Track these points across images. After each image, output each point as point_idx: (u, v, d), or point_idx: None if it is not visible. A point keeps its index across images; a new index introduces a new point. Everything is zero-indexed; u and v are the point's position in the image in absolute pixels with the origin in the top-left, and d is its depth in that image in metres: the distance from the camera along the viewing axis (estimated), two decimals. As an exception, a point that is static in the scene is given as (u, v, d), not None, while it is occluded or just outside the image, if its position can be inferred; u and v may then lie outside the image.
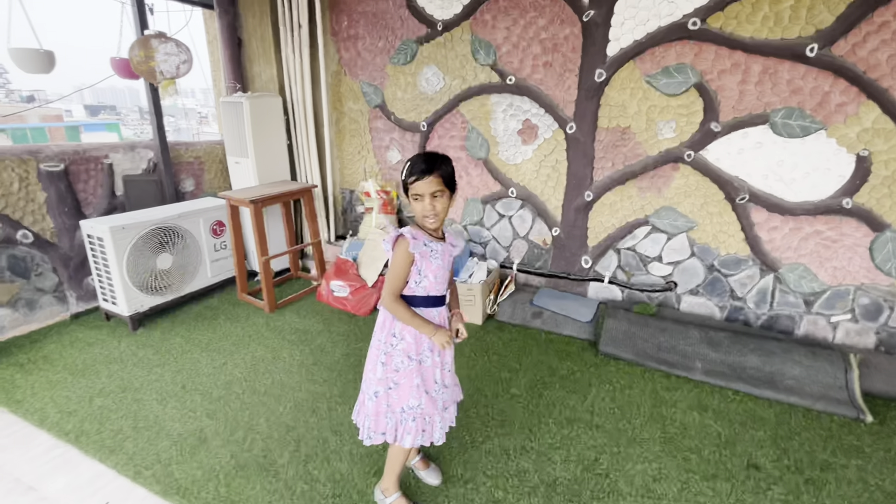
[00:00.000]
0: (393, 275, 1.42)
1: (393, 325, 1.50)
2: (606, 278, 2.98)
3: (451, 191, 1.38)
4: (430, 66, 3.10)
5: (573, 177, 2.91)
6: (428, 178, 1.31)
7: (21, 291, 2.66)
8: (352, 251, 3.37)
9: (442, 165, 1.33)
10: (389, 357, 1.51)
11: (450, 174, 1.35)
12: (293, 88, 3.39)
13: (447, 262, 1.45)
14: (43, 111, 30.53)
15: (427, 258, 1.41)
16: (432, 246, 1.42)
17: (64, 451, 1.83)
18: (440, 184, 1.32)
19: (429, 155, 1.35)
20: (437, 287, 1.44)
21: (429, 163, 1.32)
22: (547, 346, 2.66)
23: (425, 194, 1.32)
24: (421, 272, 1.42)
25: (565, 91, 2.77)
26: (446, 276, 1.46)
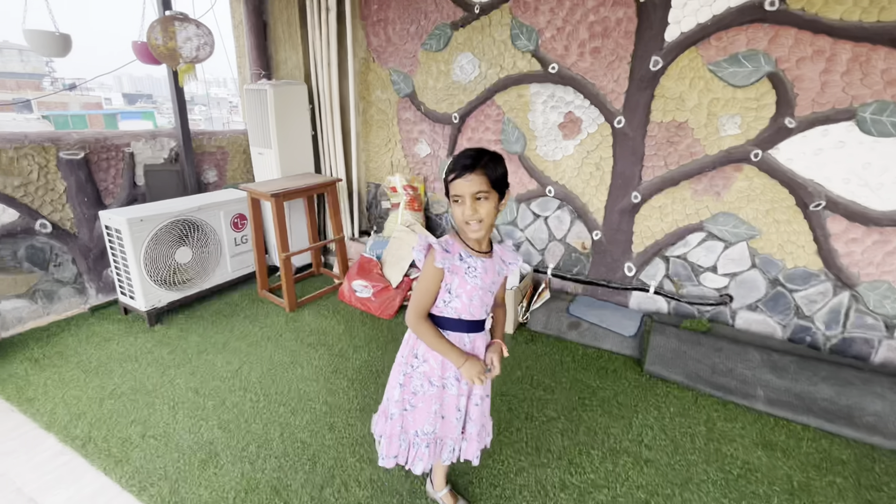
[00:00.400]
0: (419, 290, 1.24)
1: (417, 344, 1.32)
2: (652, 288, 2.71)
3: (501, 195, 1.16)
4: (464, 52, 2.87)
5: (619, 176, 2.65)
6: (470, 176, 1.10)
7: (40, 282, 2.59)
8: (376, 249, 3.20)
9: (490, 163, 1.12)
10: (408, 379, 1.33)
11: (499, 175, 1.14)
12: (319, 76, 3.23)
13: (491, 281, 1.24)
14: (84, 98, 31.60)
15: (460, 275, 1.20)
16: (470, 261, 1.21)
17: (69, 460, 1.73)
18: (485, 184, 1.11)
19: (476, 150, 1.14)
20: (472, 310, 1.24)
21: (474, 158, 1.11)
22: (585, 361, 2.43)
23: (466, 195, 1.11)
24: (451, 291, 1.22)
25: (614, 81, 2.51)
26: (488, 298, 1.25)
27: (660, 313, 2.72)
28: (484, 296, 1.24)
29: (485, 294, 1.24)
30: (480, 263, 1.22)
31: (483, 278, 1.22)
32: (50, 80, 37.30)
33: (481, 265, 1.22)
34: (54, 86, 35.56)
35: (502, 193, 1.17)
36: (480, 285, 1.22)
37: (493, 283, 1.25)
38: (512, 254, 1.30)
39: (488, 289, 1.24)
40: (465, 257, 1.22)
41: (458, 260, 1.22)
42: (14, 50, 36.37)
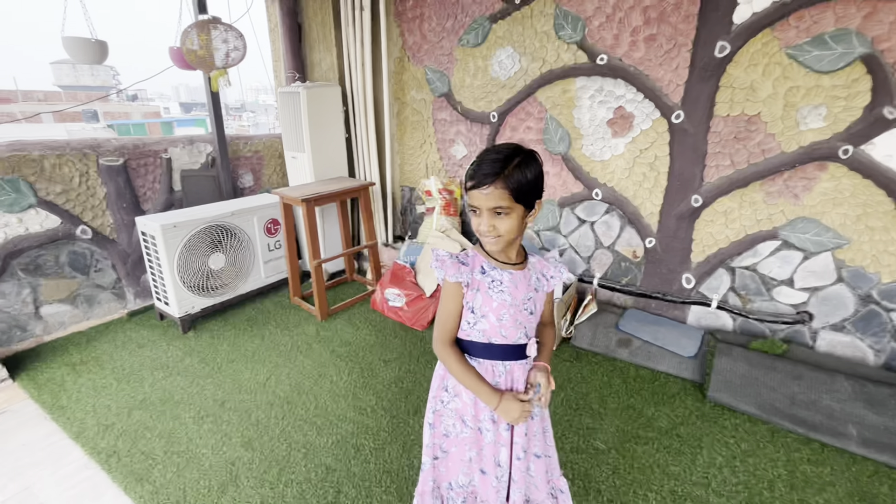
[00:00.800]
0: (440, 311, 1.08)
1: (446, 375, 1.14)
2: (714, 302, 2.42)
3: (527, 206, 0.98)
4: (504, 47, 2.69)
5: (677, 177, 2.37)
6: (488, 189, 0.93)
7: (81, 287, 2.63)
8: (410, 255, 3.07)
9: (515, 170, 0.93)
10: (438, 417, 1.16)
11: (526, 185, 0.95)
12: (353, 77, 3.13)
13: (525, 297, 1.06)
14: (144, 108, 33.80)
15: (483, 290, 1.04)
16: (494, 274, 1.04)
17: (92, 475, 1.68)
18: (506, 198, 0.94)
19: (499, 152, 0.95)
20: (503, 332, 1.06)
21: (496, 165, 0.93)
22: (637, 384, 2.18)
23: (482, 209, 0.96)
24: (475, 310, 1.05)
25: (672, 71, 2.24)
26: (523, 317, 1.07)
27: (723, 331, 2.42)
28: (518, 314, 1.05)
29: (518, 312, 1.05)
30: (507, 276, 1.05)
31: (512, 293, 1.04)
32: (116, 92, 40.24)
33: (508, 278, 1.05)
34: (119, 97, 38.34)
35: (531, 205, 0.98)
36: (510, 302, 1.04)
37: (528, 300, 1.07)
38: (555, 266, 1.11)
39: (522, 306, 1.06)
40: (489, 270, 1.05)
41: (480, 273, 1.05)
42: (85, 65, 39.32)
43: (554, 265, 1.12)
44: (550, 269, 1.11)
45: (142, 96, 39.31)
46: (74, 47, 2.22)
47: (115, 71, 63.89)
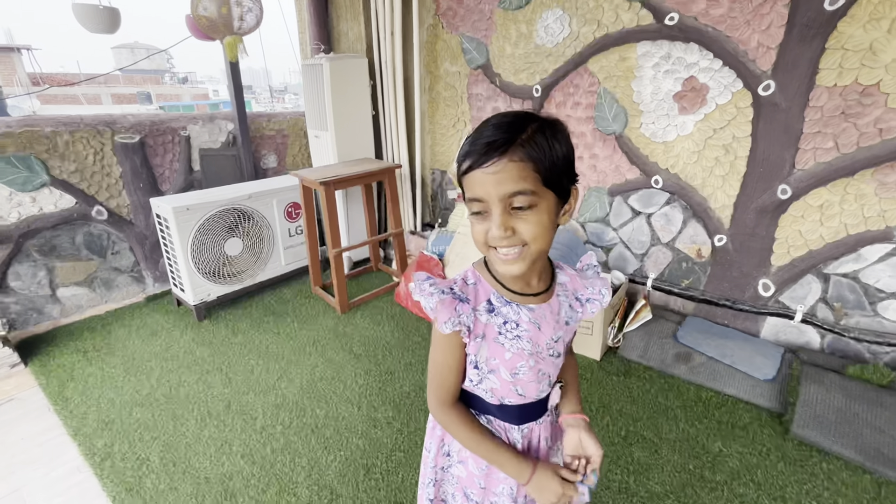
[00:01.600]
0: (435, 365, 0.77)
1: (448, 437, 0.84)
2: (799, 314, 2.01)
3: (560, 194, 0.63)
4: (552, 8, 2.32)
5: (760, 162, 1.96)
6: (495, 164, 0.58)
7: (98, 270, 2.54)
8: (438, 245, 2.80)
9: (537, 135, 0.59)
10: (438, 487, 0.88)
11: (553, 155, 0.59)
12: (382, 47, 2.85)
13: (552, 338, 0.74)
14: (194, 90, 35.05)
15: (491, 338, 0.71)
16: (507, 313, 0.71)
17: (83, 479, 1.55)
18: (528, 176, 0.58)
19: (505, 115, 0.61)
20: (520, 389, 0.75)
21: (502, 129, 0.59)
22: (700, 409, 1.83)
23: (491, 199, 0.60)
24: (480, 365, 0.74)
25: (763, 31, 1.82)
26: (547, 365, 0.75)
27: (807, 349, 2.02)
28: (540, 363, 0.74)
29: (541, 361, 0.74)
30: (527, 315, 0.71)
31: (534, 338, 0.72)
32: (169, 76, 41.93)
33: (528, 318, 0.71)
34: (172, 80, 39.91)
35: (565, 192, 0.64)
36: (529, 350, 0.72)
37: (555, 342, 0.75)
38: (594, 282, 0.77)
39: (546, 352, 0.74)
40: (499, 306, 0.71)
41: (486, 312, 0.71)
42: (142, 49, 41.02)
43: (592, 280, 0.78)
44: (587, 289, 0.77)
45: (192, 79, 40.70)
46: (84, 14, 2.07)
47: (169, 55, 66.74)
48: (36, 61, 25.81)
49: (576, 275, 0.79)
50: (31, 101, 17.74)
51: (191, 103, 28.10)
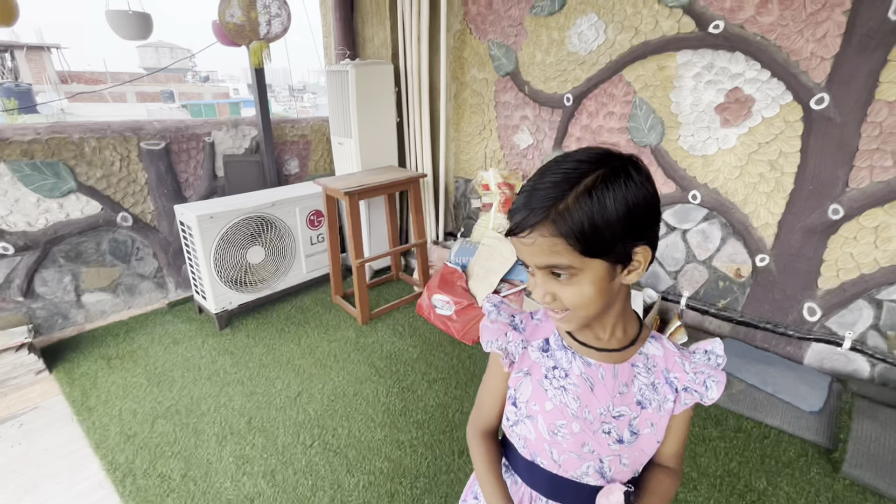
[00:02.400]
0: (481, 384, 0.76)
1: None
2: (848, 341, 1.89)
3: (616, 259, 0.55)
4: (586, 14, 2.23)
5: (809, 179, 1.85)
6: (527, 236, 0.54)
7: (122, 276, 2.55)
8: (461, 257, 2.73)
9: (582, 201, 0.51)
10: None
11: (597, 224, 0.51)
12: (408, 54, 2.79)
13: (603, 408, 0.65)
14: (215, 89, 35.61)
15: (537, 378, 0.67)
16: (560, 357, 0.66)
17: (105, 496, 1.53)
18: (561, 250, 0.53)
19: (561, 169, 0.53)
20: (556, 454, 0.67)
21: (545, 192, 0.52)
22: (740, 441, 1.73)
23: (528, 264, 0.57)
24: (520, 403, 0.69)
25: (817, 41, 1.71)
26: (597, 442, 0.65)
27: (856, 378, 1.90)
28: (588, 436, 0.65)
29: (587, 431, 0.65)
30: (580, 367, 0.65)
31: (585, 399, 0.64)
32: (192, 74, 42.74)
33: (582, 370, 0.65)
34: (194, 78, 40.65)
35: (624, 255, 0.55)
36: (574, 410, 0.64)
37: (615, 417, 0.64)
38: (702, 371, 0.64)
39: (597, 423, 0.64)
40: (555, 349, 0.67)
41: (539, 351, 0.67)
42: (166, 48, 41.92)
43: (701, 367, 0.64)
44: (688, 374, 0.64)
45: (213, 78, 41.34)
46: (118, 21, 2.06)
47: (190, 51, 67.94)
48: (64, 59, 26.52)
49: (676, 353, 0.66)
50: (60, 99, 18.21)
51: (211, 102, 28.51)
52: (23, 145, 2.09)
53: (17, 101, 13.40)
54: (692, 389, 0.63)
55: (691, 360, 0.64)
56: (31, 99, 14.77)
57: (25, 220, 2.17)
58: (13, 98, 13.51)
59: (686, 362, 0.64)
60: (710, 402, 0.63)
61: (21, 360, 2.06)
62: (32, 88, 16.98)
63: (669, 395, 0.64)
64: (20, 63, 20.26)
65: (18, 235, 2.17)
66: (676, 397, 0.64)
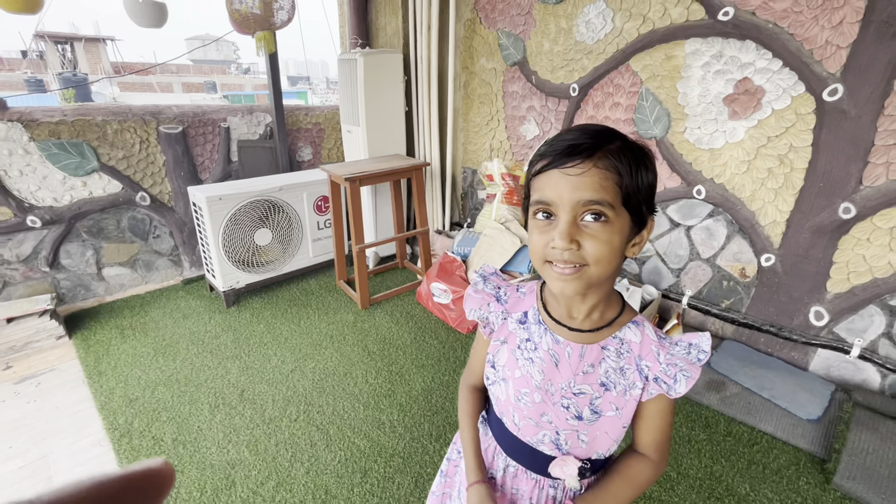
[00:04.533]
0: (472, 348, 0.84)
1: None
2: (856, 349, 1.79)
3: (636, 220, 0.56)
4: (594, 2, 2.18)
5: (820, 175, 1.75)
6: (577, 166, 0.53)
7: (140, 252, 2.70)
8: (463, 246, 2.74)
9: (625, 150, 0.54)
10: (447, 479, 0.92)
11: (643, 179, 0.55)
12: (418, 43, 2.81)
13: (564, 383, 0.65)
14: (255, 81, 36.70)
15: (511, 347, 0.70)
16: (533, 330, 0.68)
17: (102, 453, 1.64)
18: (610, 187, 0.53)
19: (592, 126, 0.57)
20: (517, 418, 0.70)
21: (588, 134, 0.54)
22: (729, 445, 1.67)
23: (562, 202, 0.54)
24: (497, 366, 0.72)
25: (832, 28, 1.61)
26: (555, 414, 0.67)
27: (864, 389, 1.79)
28: (548, 407, 0.67)
29: (550, 405, 0.67)
30: (549, 341, 0.66)
31: (549, 373, 0.66)
32: (235, 66, 44.20)
33: (550, 346, 0.66)
34: (237, 70, 42.02)
35: (640, 218, 0.57)
36: (537, 382, 0.66)
37: (576, 394, 0.65)
38: (678, 363, 0.61)
39: (559, 397, 0.66)
40: (531, 322, 0.69)
41: (517, 323, 0.70)
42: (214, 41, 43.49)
43: (678, 359, 0.61)
44: (657, 364, 0.62)
45: (254, 70, 42.63)
46: (133, 8, 2.17)
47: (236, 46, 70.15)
48: (118, 51, 27.96)
49: (655, 341, 0.63)
50: (112, 88, 19.27)
51: (251, 93, 29.42)
52: (51, 126, 2.24)
53: (73, 90, 14.29)
54: (661, 380, 0.62)
55: (668, 351, 0.62)
56: (87, 88, 15.66)
57: (52, 196, 2.34)
58: (71, 87, 14.42)
59: (662, 352, 0.62)
60: (676, 395, 0.61)
61: (44, 326, 2.23)
62: (88, 78, 18.03)
63: (638, 382, 0.63)
64: (78, 54, 21.54)
65: (45, 210, 2.33)
66: (645, 385, 0.63)
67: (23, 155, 2.21)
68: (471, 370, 0.83)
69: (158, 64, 4.65)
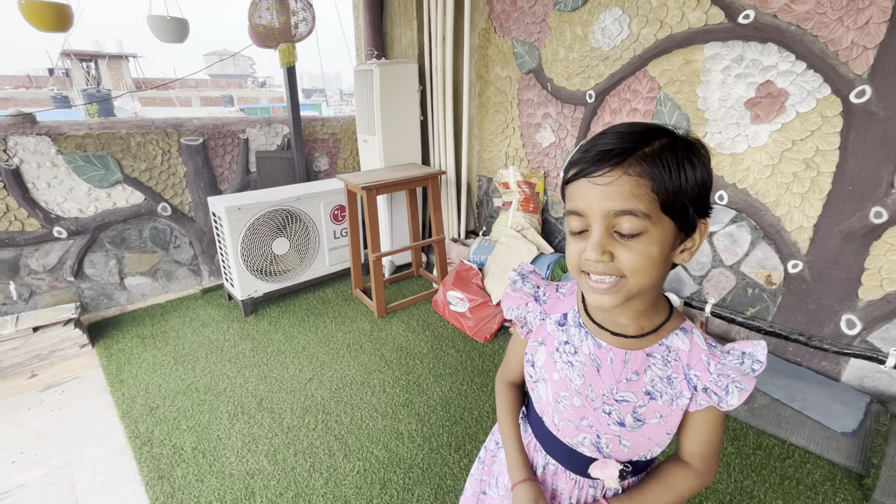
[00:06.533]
0: (509, 344, 0.84)
1: None
2: (892, 359, 1.72)
3: (684, 226, 0.54)
4: (610, 8, 2.17)
5: (849, 179, 1.70)
6: (607, 175, 0.50)
7: (161, 262, 2.74)
8: (479, 255, 2.73)
9: (664, 151, 0.50)
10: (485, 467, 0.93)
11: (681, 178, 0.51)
12: (433, 53, 2.83)
13: (605, 389, 0.64)
14: (271, 94, 37.46)
15: (549, 349, 0.69)
16: (573, 333, 0.67)
17: (123, 462, 1.65)
18: (643, 195, 0.50)
19: (631, 125, 0.53)
20: (556, 418, 0.69)
21: (624, 137, 0.51)
22: (759, 459, 1.61)
23: (592, 215, 0.52)
24: (537, 367, 0.72)
25: (858, 29, 1.57)
26: (596, 419, 0.65)
27: (901, 400, 1.72)
28: (588, 412, 0.65)
29: (590, 410, 0.65)
30: (590, 347, 0.64)
31: (589, 378, 0.64)
32: (251, 80, 45.23)
33: (591, 350, 0.64)
34: (253, 84, 42.99)
35: (689, 225, 0.54)
36: (577, 386, 0.65)
37: (618, 401, 0.63)
38: (731, 374, 0.58)
39: (599, 403, 0.64)
40: (571, 324, 0.67)
41: (556, 325, 0.69)
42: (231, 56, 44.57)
43: (731, 370, 0.58)
44: (707, 374, 0.59)
45: (270, 83, 43.56)
46: (156, 25, 2.24)
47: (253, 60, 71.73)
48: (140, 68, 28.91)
49: (704, 350, 0.60)
50: (134, 103, 19.85)
51: (267, 105, 30.03)
52: (77, 139, 2.31)
53: (97, 105, 14.75)
54: (711, 391, 0.58)
55: (719, 361, 0.59)
56: (110, 103, 16.15)
57: (77, 208, 2.39)
58: (94, 103, 14.90)
59: (713, 361, 0.59)
60: (728, 408, 0.58)
61: (68, 334, 2.27)
62: (111, 93, 18.60)
63: (686, 392, 0.60)
64: (102, 71, 22.28)
65: (71, 221, 2.39)
66: (693, 395, 0.60)
67: (50, 167, 2.28)
68: (507, 367, 0.83)
69: (178, 79, 4.78)
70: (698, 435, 0.63)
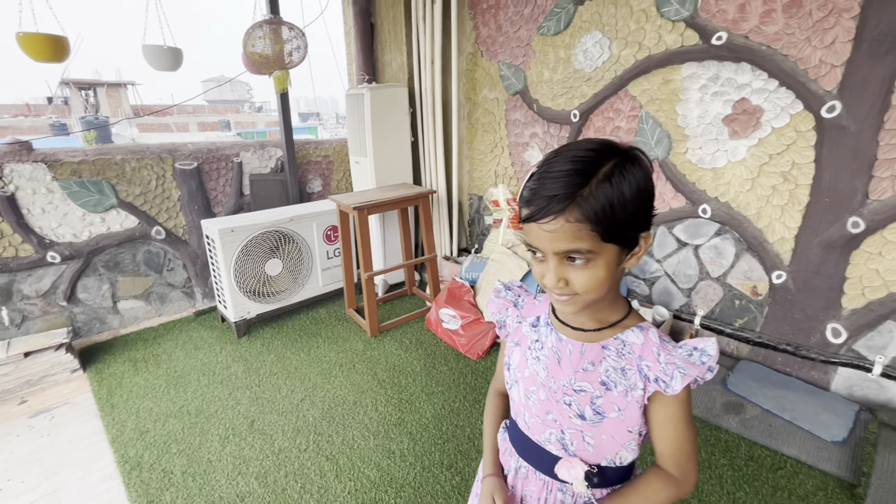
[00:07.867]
0: (499, 355, 0.88)
1: None
2: (878, 367, 1.73)
3: (626, 243, 0.59)
4: (591, 32, 2.25)
5: (825, 191, 1.75)
6: (551, 222, 0.55)
7: (154, 285, 2.75)
8: (471, 272, 2.75)
9: (603, 186, 0.54)
10: None
11: (620, 209, 0.55)
12: (422, 76, 2.91)
13: (565, 380, 0.68)
14: (268, 118, 37.96)
15: (524, 349, 0.75)
16: (542, 332, 0.73)
17: (112, 487, 1.63)
18: (585, 236, 0.55)
19: (574, 157, 0.56)
20: (527, 416, 0.74)
21: (565, 178, 0.55)
22: (751, 469, 1.61)
23: (546, 251, 0.59)
24: (512, 369, 0.78)
25: (826, 48, 1.64)
26: (559, 412, 0.69)
27: (890, 409, 1.73)
28: (552, 405, 0.69)
29: (553, 402, 0.69)
30: (553, 341, 0.71)
31: (550, 367, 0.70)
32: (248, 105, 45.90)
33: (554, 344, 0.70)
34: (250, 109, 43.61)
35: (632, 240, 0.59)
36: (542, 379, 0.70)
37: (577, 391, 0.67)
38: (684, 360, 0.61)
39: (561, 395, 0.68)
40: (542, 325, 0.74)
41: (530, 326, 0.76)
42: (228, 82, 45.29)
43: (672, 358, 0.62)
44: (657, 364, 0.62)
45: (266, 108, 44.22)
46: (151, 54, 2.31)
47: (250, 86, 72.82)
48: (138, 95, 29.31)
49: (659, 344, 0.64)
50: (132, 129, 20.06)
51: (264, 129, 30.42)
52: (72, 165, 2.35)
53: (95, 132, 14.91)
54: (660, 379, 0.62)
55: (669, 353, 0.62)
56: (108, 130, 16.32)
57: (72, 232, 2.42)
58: (93, 130, 15.06)
59: (663, 353, 0.63)
60: (672, 393, 0.60)
61: (59, 359, 2.26)
62: (109, 120, 18.81)
63: (639, 383, 0.64)
64: (101, 98, 22.58)
65: (65, 246, 2.41)
66: (645, 385, 0.63)
67: (45, 193, 2.31)
68: (497, 376, 0.89)
69: (175, 105, 4.88)
70: (664, 436, 0.65)
